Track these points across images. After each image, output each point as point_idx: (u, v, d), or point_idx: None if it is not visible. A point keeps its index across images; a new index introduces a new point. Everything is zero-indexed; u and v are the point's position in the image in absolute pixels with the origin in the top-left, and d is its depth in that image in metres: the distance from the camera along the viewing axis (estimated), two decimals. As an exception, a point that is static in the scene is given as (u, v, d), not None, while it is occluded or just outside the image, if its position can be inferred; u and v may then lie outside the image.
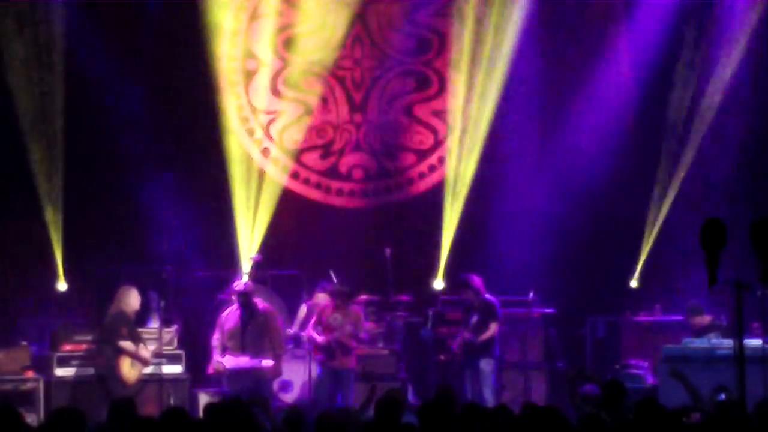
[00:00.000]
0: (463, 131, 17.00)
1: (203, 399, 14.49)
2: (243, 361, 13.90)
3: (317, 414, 8.99)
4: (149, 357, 14.02)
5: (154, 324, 14.59)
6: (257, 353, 13.95)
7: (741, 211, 14.07)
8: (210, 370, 14.09)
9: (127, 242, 15.94)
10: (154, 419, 8.69)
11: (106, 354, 13.89)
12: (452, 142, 17.10)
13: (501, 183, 16.89)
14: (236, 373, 13.89)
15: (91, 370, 14.18)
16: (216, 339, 14.09)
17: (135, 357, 13.85)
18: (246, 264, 15.98)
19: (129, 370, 13.84)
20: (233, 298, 14.41)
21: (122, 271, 15.09)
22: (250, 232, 16.44)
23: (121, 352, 13.81)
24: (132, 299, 14.03)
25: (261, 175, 16.88)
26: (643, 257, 16.48)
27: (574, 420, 8.91)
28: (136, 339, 14.00)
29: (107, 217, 16.11)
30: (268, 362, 13.89)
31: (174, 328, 14.88)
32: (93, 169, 16.23)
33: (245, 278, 15.38)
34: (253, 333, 13.99)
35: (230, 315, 14.12)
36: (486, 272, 14.68)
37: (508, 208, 16.67)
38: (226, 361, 13.90)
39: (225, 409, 9.01)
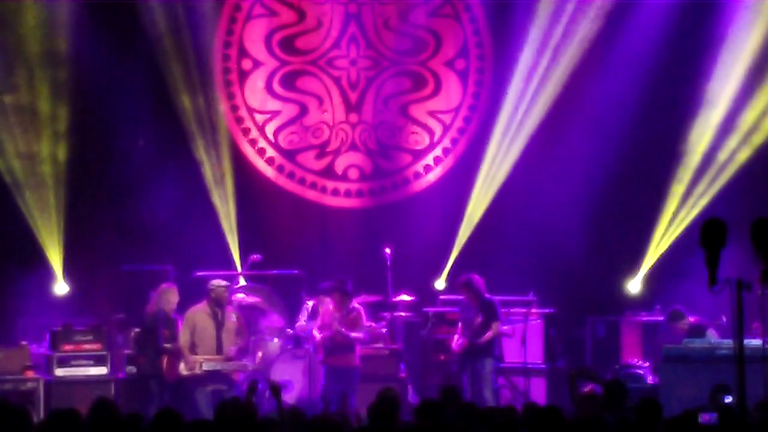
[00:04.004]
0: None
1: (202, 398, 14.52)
2: (221, 364, 13.88)
3: (314, 415, 9.03)
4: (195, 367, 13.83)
5: (155, 324, 14.58)
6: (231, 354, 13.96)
7: (741, 211, 14.09)
8: (185, 371, 13.89)
9: (127, 242, 15.96)
10: (140, 417, 8.66)
11: (147, 355, 13.88)
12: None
13: (502, 182, 16.90)
14: (212, 375, 13.82)
15: (91, 371, 14.29)
16: (185, 339, 13.95)
17: (185, 358, 13.73)
18: (243, 264, 16.06)
19: (181, 369, 13.79)
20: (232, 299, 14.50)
21: (122, 271, 15.12)
22: (242, 232, 16.49)
23: (164, 353, 13.77)
24: (172, 297, 14.01)
25: (257, 174, 16.93)
26: (645, 260, 16.52)
27: (574, 420, 8.93)
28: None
29: (107, 217, 16.15)
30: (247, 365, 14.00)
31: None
32: (93, 169, 16.28)
33: (242, 280, 15.47)
34: (228, 334, 13.98)
35: (198, 314, 14.02)
36: (486, 272, 14.69)
37: (509, 207, 16.71)
38: (203, 363, 13.81)
39: (236, 408, 9.03)
